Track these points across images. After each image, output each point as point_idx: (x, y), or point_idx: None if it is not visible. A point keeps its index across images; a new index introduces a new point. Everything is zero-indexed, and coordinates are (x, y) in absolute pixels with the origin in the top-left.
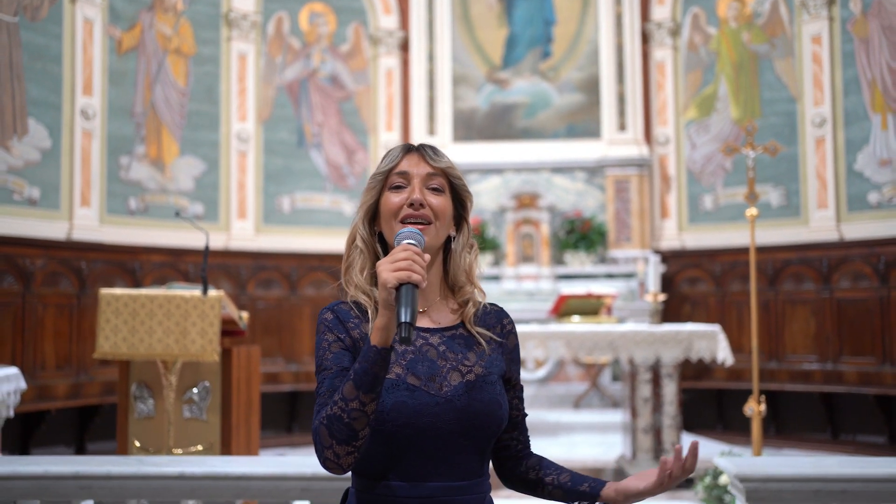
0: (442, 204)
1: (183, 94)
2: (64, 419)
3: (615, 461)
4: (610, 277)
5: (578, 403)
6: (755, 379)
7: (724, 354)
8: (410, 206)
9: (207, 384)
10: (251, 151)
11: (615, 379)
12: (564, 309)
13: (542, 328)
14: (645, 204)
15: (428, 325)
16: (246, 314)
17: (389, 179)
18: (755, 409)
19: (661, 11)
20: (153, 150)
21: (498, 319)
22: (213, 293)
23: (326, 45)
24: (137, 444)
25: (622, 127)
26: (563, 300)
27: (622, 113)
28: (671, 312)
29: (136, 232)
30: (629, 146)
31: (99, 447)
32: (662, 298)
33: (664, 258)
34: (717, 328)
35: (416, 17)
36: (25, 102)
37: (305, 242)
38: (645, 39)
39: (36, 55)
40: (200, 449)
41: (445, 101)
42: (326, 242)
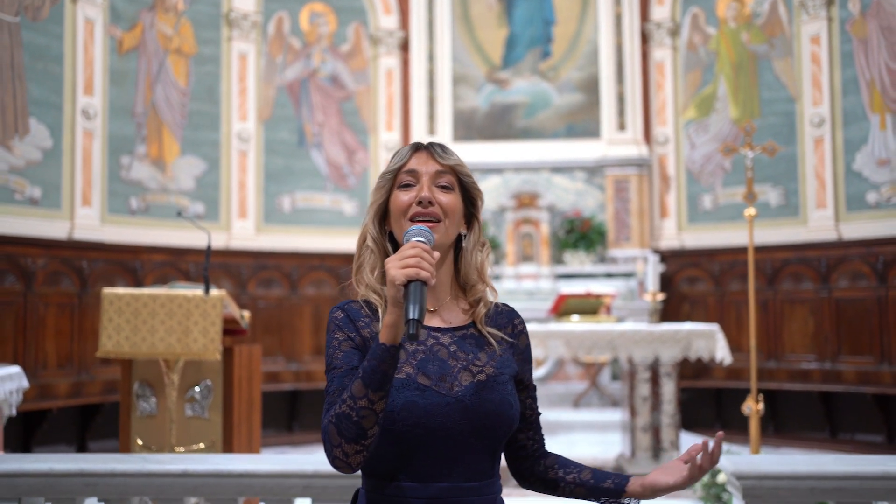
0: (451, 201)
1: (184, 93)
2: (65, 418)
3: (614, 460)
4: (609, 277)
5: (578, 402)
6: (753, 378)
7: (722, 353)
8: (419, 203)
9: (209, 383)
10: (252, 151)
11: (614, 378)
12: (564, 308)
13: (541, 327)
14: (644, 204)
15: (439, 324)
16: (247, 313)
17: (398, 178)
18: (753, 408)
19: (660, 11)
20: (154, 149)
21: (509, 319)
22: (215, 292)
23: (327, 44)
24: (140, 442)
25: (622, 127)
26: (562, 299)
27: (622, 113)
28: (670, 312)
29: (137, 231)
30: (629, 146)
31: (100, 446)
32: (661, 298)
33: (663, 258)
34: (715, 327)
35: (416, 17)
36: (27, 102)
37: (306, 242)
38: (644, 39)
39: (37, 55)
40: (202, 447)
41: (445, 100)
42: (327, 242)
